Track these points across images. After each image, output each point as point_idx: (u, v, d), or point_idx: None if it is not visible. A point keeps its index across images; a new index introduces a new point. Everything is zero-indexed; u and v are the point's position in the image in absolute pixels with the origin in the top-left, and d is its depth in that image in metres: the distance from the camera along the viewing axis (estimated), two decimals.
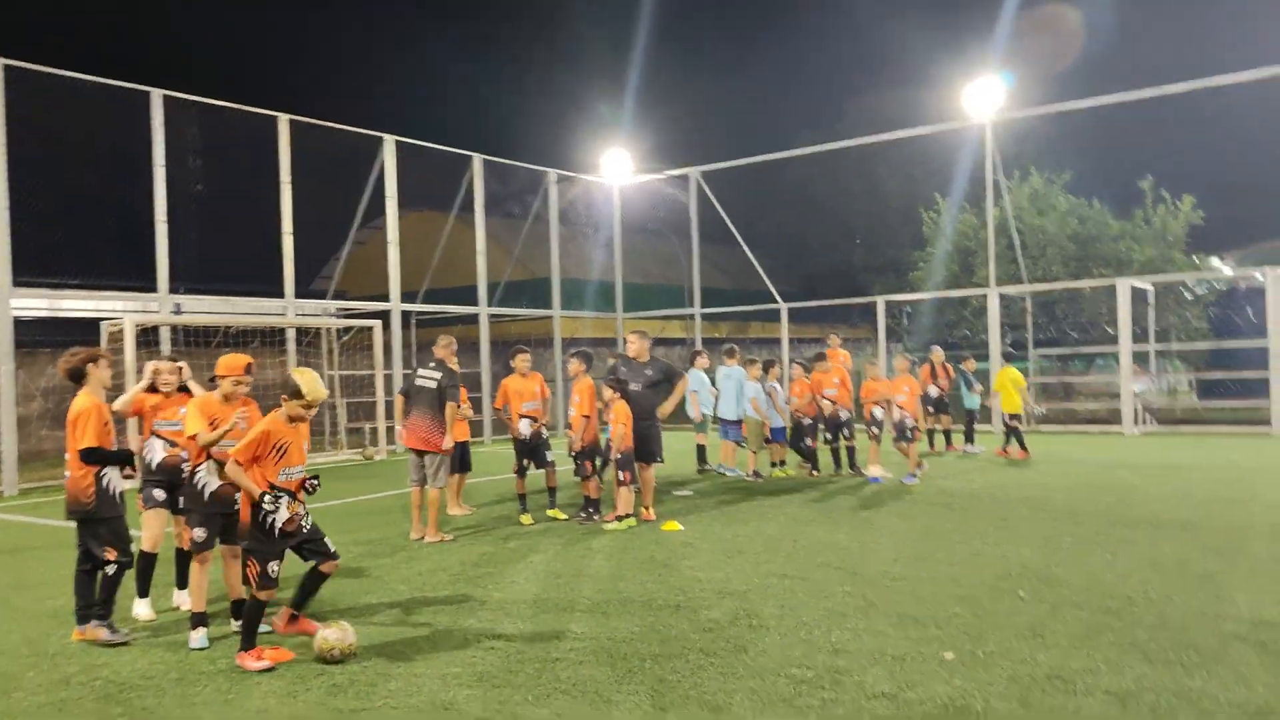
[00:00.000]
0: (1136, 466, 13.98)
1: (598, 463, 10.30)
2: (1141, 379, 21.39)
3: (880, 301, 23.94)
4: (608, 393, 9.89)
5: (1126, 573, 7.15)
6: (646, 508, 10.20)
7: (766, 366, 14.16)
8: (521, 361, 10.57)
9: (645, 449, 10.19)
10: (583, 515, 10.23)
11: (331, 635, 5.47)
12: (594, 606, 6.61)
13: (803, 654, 5.36)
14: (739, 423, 13.85)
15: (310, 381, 5.74)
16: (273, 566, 5.53)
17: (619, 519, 9.78)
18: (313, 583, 5.89)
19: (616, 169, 26.85)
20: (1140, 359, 21.94)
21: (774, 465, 14.04)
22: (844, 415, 13.74)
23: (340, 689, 5.01)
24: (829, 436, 13.80)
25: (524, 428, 10.34)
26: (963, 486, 12.42)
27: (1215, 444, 17.04)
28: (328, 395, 5.93)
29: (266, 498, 5.50)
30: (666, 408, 10.36)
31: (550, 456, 10.44)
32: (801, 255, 37.10)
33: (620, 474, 9.86)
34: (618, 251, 27.06)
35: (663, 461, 10.73)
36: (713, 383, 14.37)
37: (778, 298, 24.98)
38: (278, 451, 5.59)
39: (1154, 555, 7.72)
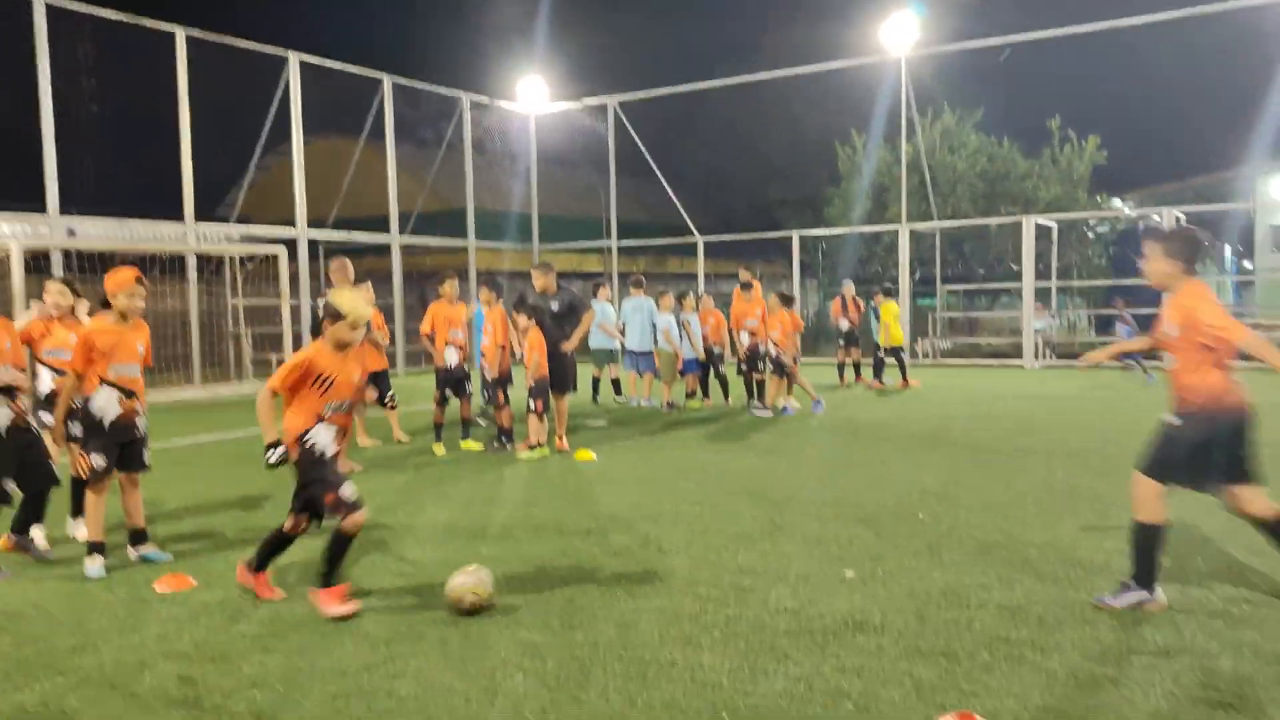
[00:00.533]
0: (1035, 397, 14.51)
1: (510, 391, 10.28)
2: (1042, 316, 22.10)
3: (795, 236, 24.14)
4: (523, 321, 9.80)
5: (1021, 496, 7.44)
6: (560, 437, 10.21)
7: (680, 298, 14.19)
8: (450, 288, 10.50)
9: (558, 379, 10.17)
10: (495, 444, 10.20)
11: (468, 581, 4.87)
12: (505, 532, 6.62)
13: (710, 575, 5.46)
14: (649, 354, 13.88)
15: (350, 300, 5.15)
16: (347, 489, 4.97)
17: (531, 448, 9.77)
18: (280, 543, 5.23)
19: (533, 97, 26.31)
20: (1042, 295, 22.64)
21: (688, 396, 14.17)
22: (762, 349, 13.85)
23: (243, 615, 4.93)
24: (743, 367, 13.92)
25: (451, 356, 10.24)
26: (870, 416, 12.73)
27: (1109, 377, 17.75)
28: (370, 314, 5.36)
29: (272, 453, 4.94)
30: (574, 339, 10.34)
31: (470, 388, 10.44)
32: (720, 190, 37.08)
33: (532, 403, 9.83)
34: (534, 182, 26.67)
35: (575, 390, 10.73)
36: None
37: (695, 232, 24.98)
38: (321, 384, 4.99)
39: (1048, 480, 8.05)
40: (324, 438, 5.02)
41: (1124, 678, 3.89)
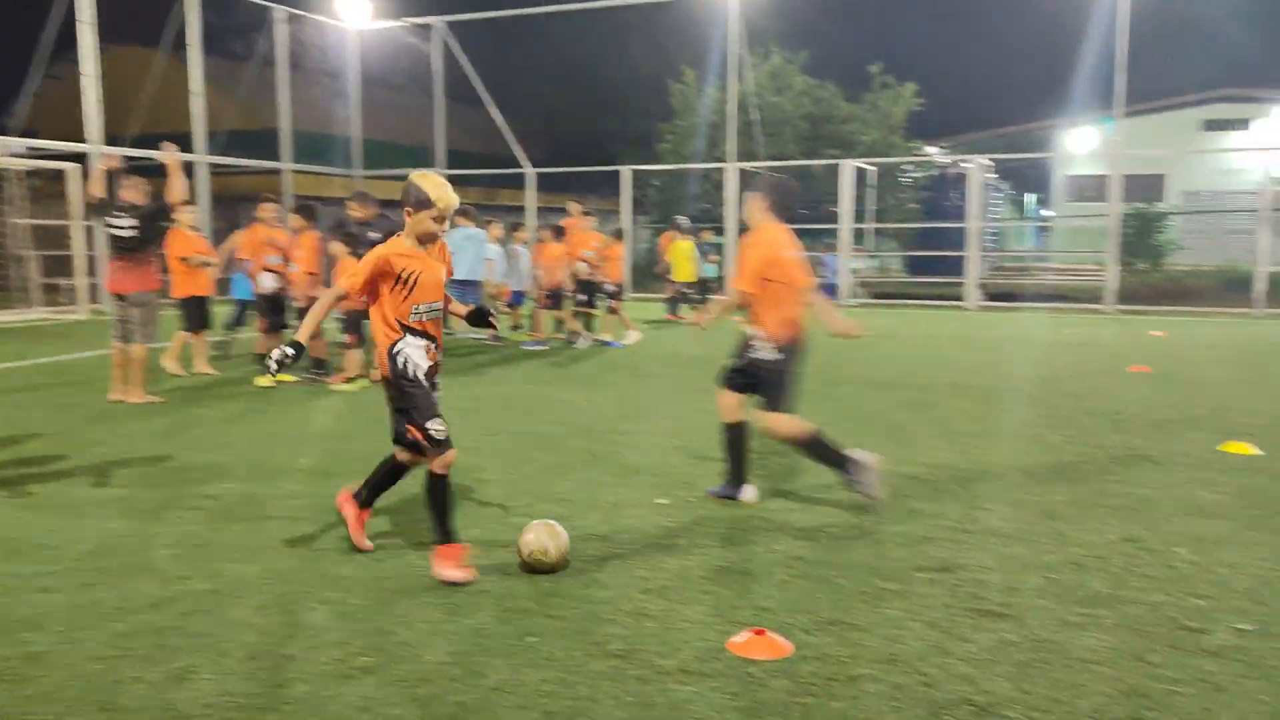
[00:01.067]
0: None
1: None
2: (858, 257, 23.06)
3: (626, 171, 24.13)
4: (336, 247, 9.41)
5: (832, 424, 7.72)
6: (377, 368, 9.93)
7: (512, 229, 13.96)
8: (266, 211, 10.33)
9: None
10: (309, 376, 9.84)
11: (543, 537, 4.41)
12: (315, 467, 6.41)
13: (526, 503, 5.47)
14: (476, 285, 13.64)
15: (438, 184, 4.28)
16: (435, 425, 4.34)
17: (348, 380, 9.48)
18: (387, 475, 4.73)
19: (354, 11, 24.99)
20: (858, 238, 23.58)
21: (514, 328, 14.06)
22: (598, 281, 13.76)
23: (19, 554, 4.60)
24: (580, 300, 13.81)
25: (268, 281, 10.00)
26: (693, 351, 12.99)
27: (918, 316, 18.77)
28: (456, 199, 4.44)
29: (275, 352, 4.30)
30: None
31: (288, 319, 10.14)
32: (552, 122, 36.54)
33: (347, 335, 9.52)
34: (355, 104, 25.50)
35: None
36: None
37: (525, 163, 24.57)
38: (404, 285, 4.29)
39: (858, 409, 8.47)
40: (415, 351, 4.39)
41: (908, 591, 4.16)
